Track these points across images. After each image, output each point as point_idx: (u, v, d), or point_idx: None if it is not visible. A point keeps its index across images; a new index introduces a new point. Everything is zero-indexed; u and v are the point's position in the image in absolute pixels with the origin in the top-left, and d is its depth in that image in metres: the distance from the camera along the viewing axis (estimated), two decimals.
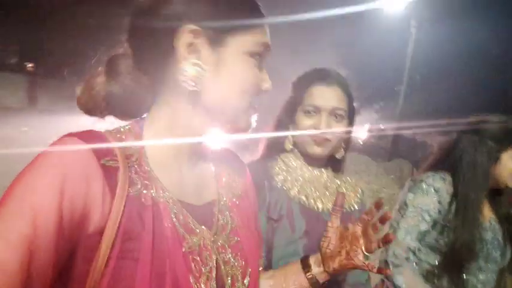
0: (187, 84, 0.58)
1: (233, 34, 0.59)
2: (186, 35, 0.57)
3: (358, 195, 1.17)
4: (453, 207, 1.34)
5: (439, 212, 1.36)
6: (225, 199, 0.72)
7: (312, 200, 1.06)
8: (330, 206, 1.07)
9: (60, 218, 0.47)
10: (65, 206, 0.47)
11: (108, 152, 0.55)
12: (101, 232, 0.51)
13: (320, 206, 1.07)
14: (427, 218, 1.36)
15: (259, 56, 0.63)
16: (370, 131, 24.07)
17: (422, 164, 1.55)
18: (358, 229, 0.77)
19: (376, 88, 21.44)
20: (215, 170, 0.75)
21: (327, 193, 1.10)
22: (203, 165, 0.72)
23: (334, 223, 0.82)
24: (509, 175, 1.30)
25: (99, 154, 0.53)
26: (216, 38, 0.58)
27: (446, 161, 1.41)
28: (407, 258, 1.35)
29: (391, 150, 15.40)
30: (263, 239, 0.92)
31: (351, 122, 1.12)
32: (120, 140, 0.59)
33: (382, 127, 25.96)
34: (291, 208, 1.03)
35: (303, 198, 1.06)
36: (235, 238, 0.69)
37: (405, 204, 1.42)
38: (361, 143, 23.82)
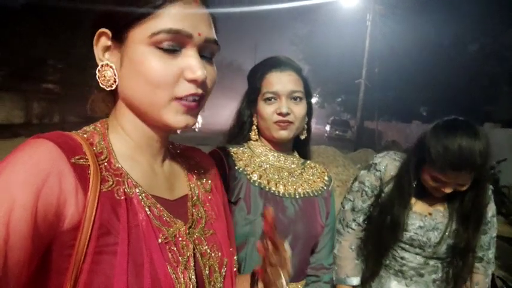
0: (104, 86, 0.60)
1: (131, 28, 0.57)
2: (101, 39, 0.60)
3: (325, 182, 1.20)
4: (390, 185, 1.41)
5: (379, 188, 1.44)
6: (197, 193, 0.74)
7: (273, 185, 1.09)
8: (292, 190, 1.10)
9: (34, 217, 0.47)
10: (38, 205, 0.48)
11: (78, 151, 0.55)
12: (76, 228, 0.51)
13: (282, 189, 1.09)
14: (368, 193, 1.46)
15: (176, 43, 0.57)
16: (334, 122, 24.77)
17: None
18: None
19: (338, 82, 22.04)
20: (185, 167, 0.76)
21: (291, 178, 1.14)
22: (173, 162, 0.73)
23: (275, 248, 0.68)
24: (430, 188, 1.31)
25: (68, 153, 0.53)
26: (118, 35, 0.58)
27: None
28: (348, 227, 1.47)
29: (356, 141, 15.90)
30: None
31: (308, 104, 1.16)
32: (87, 139, 0.60)
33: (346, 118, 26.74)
34: (250, 191, 1.06)
35: (264, 182, 1.08)
36: (210, 231, 0.71)
37: (355, 178, 1.54)
38: (327, 135, 24.49)
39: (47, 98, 14.20)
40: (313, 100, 1.27)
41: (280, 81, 1.09)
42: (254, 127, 1.17)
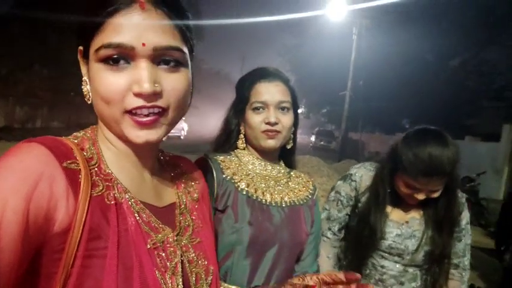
0: (87, 100, 0.63)
1: (90, 45, 0.58)
2: (80, 56, 0.63)
3: (310, 191, 1.22)
4: (366, 195, 1.44)
5: (354, 198, 1.47)
6: (185, 202, 0.74)
7: (260, 193, 1.10)
8: (278, 198, 1.12)
9: (25, 221, 0.47)
10: (29, 208, 0.48)
11: (69, 155, 0.56)
12: (66, 232, 0.51)
13: (268, 198, 1.11)
14: (343, 203, 1.48)
15: (123, 56, 0.56)
16: (319, 132, 25.01)
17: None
18: None
19: (323, 93, 22.36)
20: (173, 175, 0.76)
21: (278, 186, 1.15)
22: (162, 170, 0.74)
23: None
24: (404, 195, 1.34)
25: (60, 157, 0.53)
26: (86, 53, 0.60)
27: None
28: (324, 236, 1.48)
29: (340, 151, 16.07)
30: None
31: (295, 114, 1.18)
32: (78, 144, 0.60)
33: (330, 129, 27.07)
34: (237, 199, 1.07)
35: (251, 190, 1.10)
36: (197, 239, 0.71)
37: (332, 188, 1.56)
38: (311, 145, 24.69)
39: (30, 103, 13.93)
40: (299, 110, 1.28)
41: (269, 92, 1.11)
42: (241, 136, 1.18)
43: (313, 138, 25.52)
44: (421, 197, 1.28)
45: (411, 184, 1.27)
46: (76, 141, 0.61)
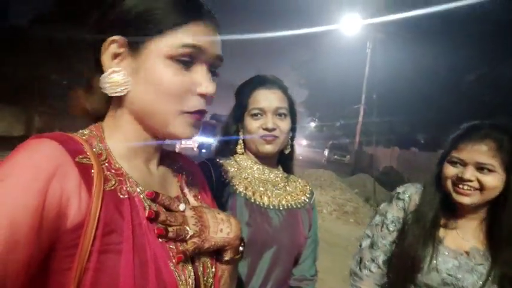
0: (110, 91, 0.61)
1: (150, 39, 0.59)
2: (110, 46, 0.60)
3: (307, 195, 1.24)
4: (412, 214, 1.23)
5: (402, 221, 1.26)
6: (187, 194, 0.75)
7: (258, 196, 1.14)
8: (276, 202, 1.15)
9: (37, 218, 0.47)
10: (41, 206, 0.47)
11: (81, 151, 0.56)
12: (79, 227, 0.50)
13: (266, 201, 1.14)
14: (389, 227, 1.27)
15: (191, 58, 0.60)
16: (333, 146, 24.79)
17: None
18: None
19: (337, 107, 22.28)
20: (174, 169, 0.77)
21: (275, 190, 1.18)
22: (163, 165, 0.75)
23: None
24: (448, 183, 1.15)
25: (72, 152, 0.53)
26: (135, 45, 0.59)
27: None
28: (366, 268, 1.27)
29: (353, 165, 15.88)
30: None
31: (293, 119, 1.21)
32: (86, 140, 0.60)
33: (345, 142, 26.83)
34: (236, 202, 1.10)
35: (249, 193, 1.13)
36: None
37: (376, 212, 1.37)
38: (325, 159, 24.49)
39: (48, 113, 14.32)
40: (312, 124, 1.29)
41: (267, 98, 1.15)
42: (240, 141, 1.21)
43: (326, 152, 25.34)
44: (468, 174, 1.07)
45: (455, 159, 1.11)
46: (84, 137, 0.61)
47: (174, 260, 0.60)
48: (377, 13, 15.06)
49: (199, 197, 0.78)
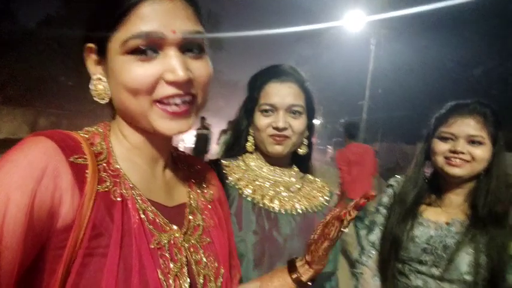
0: (98, 99, 0.60)
1: (109, 39, 0.56)
2: (90, 54, 0.60)
3: (326, 197, 1.13)
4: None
5: (391, 205, 1.33)
6: (196, 201, 0.73)
7: (268, 200, 1.02)
8: (288, 206, 1.03)
9: (29, 217, 0.47)
10: (33, 204, 0.47)
11: (77, 150, 0.54)
12: (69, 228, 0.50)
13: (277, 205, 1.02)
14: (382, 213, 1.33)
15: (151, 46, 0.55)
16: (337, 143, 24.70)
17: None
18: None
19: (341, 103, 22.19)
20: (186, 174, 0.75)
21: (288, 193, 1.06)
22: (175, 168, 0.73)
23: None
24: (440, 158, 1.18)
25: (67, 151, 0.52)
26: (101, 49, 0.58)
27: None
28: (367, 254, 1.31)
29: None
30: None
31: (310, 118, 1.08)
32: (87, 139, 0.59)
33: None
34: (242, 206, 1.00)
35: (258, 197, 1.02)
36: (207, 239, 0.70)
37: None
38: (329, 156, 24.41)
39: (54, 113, 14.43)
40: (316, 121, 1.23)
41: (279, 94, 1.02)
42: (250, 138, 1.10)
43: (331, 149, 25.24)
44: (460, 147, 1.12)
45: (446, 133, 1.17)
46: (87, 135, 0.60)
47: (165, 269, 0.57)
48: (381, 9, 14.94)
49: (210, 207, 0.75)
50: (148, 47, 0.55)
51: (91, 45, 0.59)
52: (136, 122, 0.60)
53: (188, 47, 0.58)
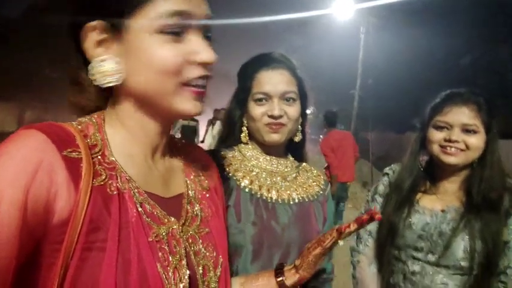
0: (102, 82, 0.57)
1: (132, 16, 0.54)
2: (90, 34, 0.56)
3: (321, 186, 1.14)
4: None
5: (387, 193, 1.36)
6: (193, 190, 0.72)
7: (265, 190, 1.03)
8: (285, 195, 1.05)
9: (23, 212, 0.46)
10: (27, 200, 0.46)
11: (70, 143, 0.53)
12: (65, 223, 0.49)
13: (274, 195, 1.03)
14: (378, 200, 1.36)
15: (180, 26, 0.55)
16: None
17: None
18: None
19: (331, 93, 22.20)
20: (183, 163, 0.74)
21: (285, 182, 1.07)
22: (171, 158, 0.72)
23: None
24: (435, 147, 1.21)
25: (60, 145, 0.51)
26: (117, 27, 0.55)
27: None
28: (364, 242, 1.33)
29: None
30: None
31: (303, 104, 1.09)
32: (81, 130, 0.58)
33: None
34: (240, 197, 1.00)
35: (255, 188, 1.02)
36: (206, 229, 0.69)
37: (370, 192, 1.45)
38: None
39: (40, 107, 14.18)
40: (307, 111, 1.23)
41: (271, 81, 1.02)
42: (244, 129, 1.10)
43: (322, 139, 25.37)
44: (455, 136, 1.15)
45: (441, 122, 1.19)
46: (80, 127, 0.58)
47: (164, 262, 0.57)
48: None
49: (207, 196, 0.75)
50: (178, 27, 0.55)
51: (97, 23, 0.55)
52: (152, 104, 0.59)
53: (205, 33, 0.60)
